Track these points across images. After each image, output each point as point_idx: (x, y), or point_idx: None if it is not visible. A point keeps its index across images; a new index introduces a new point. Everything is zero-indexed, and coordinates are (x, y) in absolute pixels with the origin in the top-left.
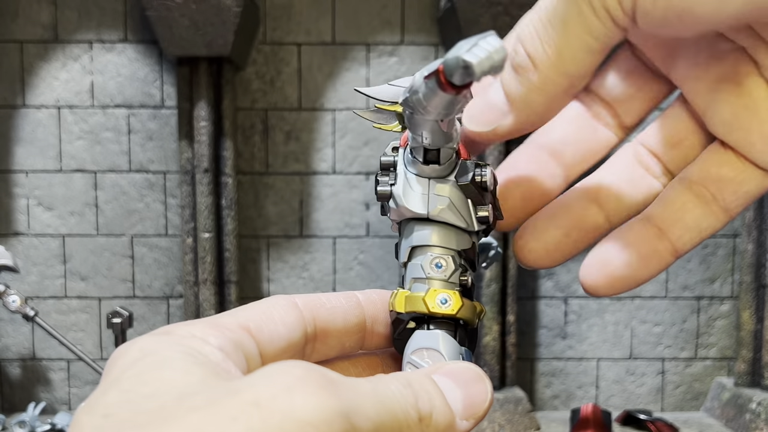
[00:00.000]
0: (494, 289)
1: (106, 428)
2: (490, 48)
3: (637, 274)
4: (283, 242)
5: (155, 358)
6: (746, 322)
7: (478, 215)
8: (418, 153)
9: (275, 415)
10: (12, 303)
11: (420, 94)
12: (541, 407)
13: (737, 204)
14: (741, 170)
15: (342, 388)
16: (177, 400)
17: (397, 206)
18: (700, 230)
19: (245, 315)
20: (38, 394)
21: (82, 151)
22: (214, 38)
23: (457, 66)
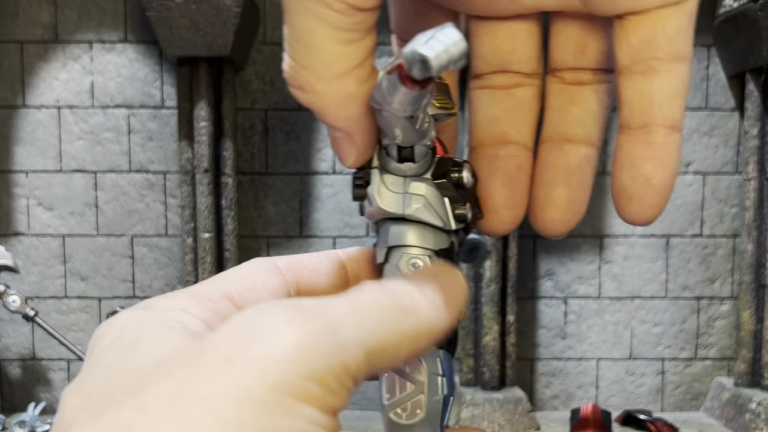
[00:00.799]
0: (494, 289)
1: (89, 407)
2: (448, 40)
3: (665, 174)
4: (283, 242)
5: (135, 334)
6: (746, 322)
7: (456, 213)
8: (392, 151)
9: (251, 364)
10: (12, 303)
11: (384, 89)
12: (541, 407)
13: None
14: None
15: (314, 311)
16: (152, 368)
17: (372, 206)
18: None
19: (227, 282)
20: (38, 394)
21: (82, 151)
22: (214, 38)
23: (414, 60)
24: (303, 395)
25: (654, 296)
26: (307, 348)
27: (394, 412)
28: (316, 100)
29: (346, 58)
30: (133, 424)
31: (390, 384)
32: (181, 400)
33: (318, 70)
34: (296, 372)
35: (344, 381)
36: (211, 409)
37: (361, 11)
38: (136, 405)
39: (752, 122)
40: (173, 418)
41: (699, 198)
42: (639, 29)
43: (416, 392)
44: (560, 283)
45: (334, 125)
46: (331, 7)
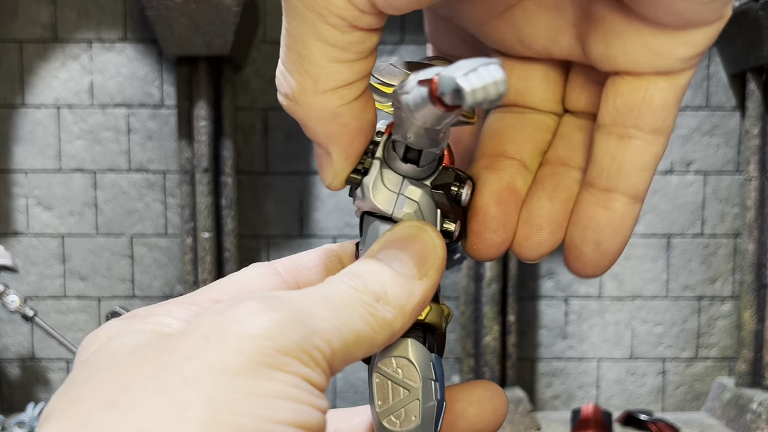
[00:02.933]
0: (494, 289)
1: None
2: (489, 78)
3: (616, 242)
4: (283, 242)
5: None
6: (747, 322)
7: (444, 228)
8: (399, 148)
9: (228, 341)
10: (11, 303)
11: (410, 97)
12: (542, 407)
13: (661, 120)
14: (643, 87)
15: (289, 299)
16: (128, 354)
17: (363, 197)
18: (644, 166)
19: (220, 288)
20: (37, 395)
21: (82, 150)
22: (214, 37)
23: (450, 87)
24: (278, 365)
25: (655, 296)
26: (278, 328)
27: (388, 419)
28: (298, 111)
29: (335, 76)
30: (117, 401)
31: (382, 390)
32: (162, 378)
33: (304, 82)
34: (269, 346)
35: (318, 362)
36: (192, 381)
37: (358, 30)
38: (118, 386)
39: (753, 121)
40: (156, 392)
41: (700, 198)
42: (627, 93)
43: (411, 398)
44: (561, 283)
45: (313, 139)
46: (327, 20)
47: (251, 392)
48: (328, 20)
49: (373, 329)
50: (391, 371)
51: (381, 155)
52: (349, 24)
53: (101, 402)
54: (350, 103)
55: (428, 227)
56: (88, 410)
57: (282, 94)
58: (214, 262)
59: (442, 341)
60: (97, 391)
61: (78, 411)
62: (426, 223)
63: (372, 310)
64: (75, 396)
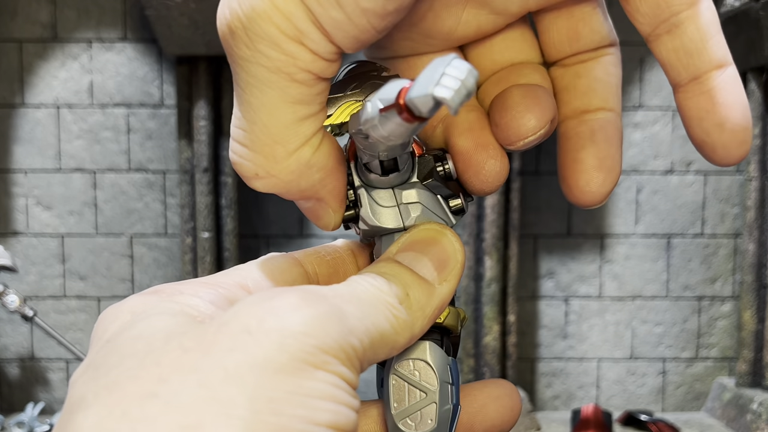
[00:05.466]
0: (495, 289)
1: (98, 381)
2: (460, 75)
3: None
4: (283, 242)
5: (144, 317)
6: (747, 322)
7: (452, 208)
8: (375, 167)
9: (270, 336)
10: (11, 303)
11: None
12: (542, 407)
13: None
14: None
15: (325, 296)
16: (164, 340)
17: (369, 227)
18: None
19: (242, 273)
20: (37, 395)
21: (81, 150)
22: (214, 37)
23: (427, 103)
24: (320, 363)
25: (655, 296)
26: (320, 325)
27: (404, 422)
28: (276, 183)
29: (303, 132)
30: (157, 392)
31: (398, 392)
32: (204, 371)
33: (273, 151)
34: (312, 344)
35: (353, 361)
36: (235, 377)
37: (323, 80)
38: (157, 375)
39: (754, 121)
40: (197, 386)
41: (700, 198)
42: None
43: (427, 401)
44: (561, 283)
45: (301, 198)
46: (294, 78)
47: (294, 391)
48: (296, 77)
49: (396, 331)
50: (408, 373)
51: (360, 182)
52: (316, 76)
53: (140, 392)
54: (320, 149)
55: (448, 231)
56: (125, 400)
57: (251, 176)
58: (214, 262)
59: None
60: (134, 380)
61: (114, 400)
62: (445, 226)
63: (395, 312)
64: (109, 383)
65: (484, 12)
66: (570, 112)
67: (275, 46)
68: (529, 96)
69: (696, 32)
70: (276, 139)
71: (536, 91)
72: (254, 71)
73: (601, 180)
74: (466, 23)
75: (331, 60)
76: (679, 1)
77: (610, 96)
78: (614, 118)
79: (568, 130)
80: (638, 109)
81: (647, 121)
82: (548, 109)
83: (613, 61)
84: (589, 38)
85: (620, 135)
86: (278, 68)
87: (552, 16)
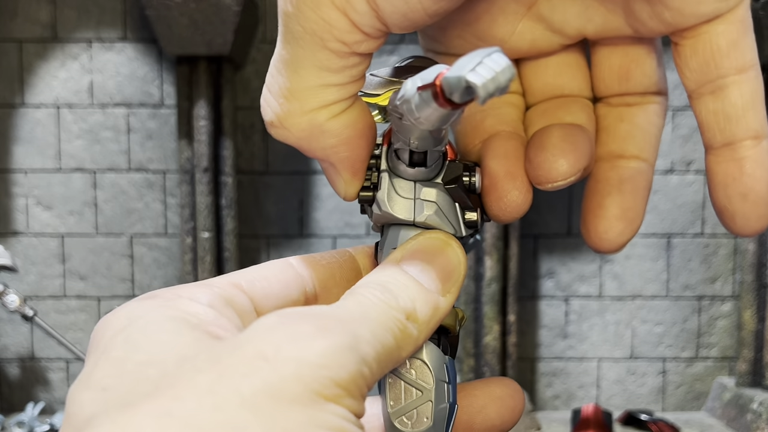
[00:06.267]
0: (495, 288)
1: (109, 402)
2: (497, 68)
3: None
4: (283, 242)
5: (142, 322)
6: (747, 321)
7: (466, 220)
8: (404, 155)
9: (287, 365)
10: (11, 303)
11: (412, 104)
12: (542, 407)
13: (739, 58)
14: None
15: (338, 322)
16: (177, 364)
17: (381, 211)
18: (748, 105)
19: (236, 275)
20: (37, 394)
21: (81, 150)
22: (214, 37)
23: (459, 86)
24: (333, 397)
25: (655, 296)
26: (335, 357)
27: (400, 420)
28: (288, 135)
29: (324, 97)
30: (172, 411)
31: (394, 390)
32: (219, 394)
33: (290, 106)
34: (327, 376)
35: (362, 389)
36: (250, 403)
37: (356, 55)
38: (172, 396)
39: None
40: (213, 409)
41: (700, 197)
42: (695, 53)
43: (423, 399)
44: (561, 283)
45: (313, 156)
46: (326, 44)
47: (306, 422)
48: (328, 45)
49: (400, 345)
50: (405, 372)
51: (386, 166)
52: (349, 49)
53: (155, 411)
54: (338, 116)
55: (453, 241)
56: (139, 418)
57: (268, 122)
58: (214, 262)
59: (455, 344)
60: (149, 399)
61: (128, 417)
62: (450, 237)
63: (402, 327)
64: (121, 401)
65: (540, 27)
66: (605, 153)
67: (316, 8)
68: (567, 140)
69: (739, 99)
70: (295, 95)
71: (576, 136)
72: (291, 27)
73: (620, 230)
74: (521, 35)
75: (371, 36)
76: (729, 65)
77: (647, 146)
78: (647, 169)
79: (599, 172)
80: None
81: None
82: (583, 157)
83: (657, 111)
84: (639, 81)
85: (649, 186)
86: (313, 31)
87: (607, 51)
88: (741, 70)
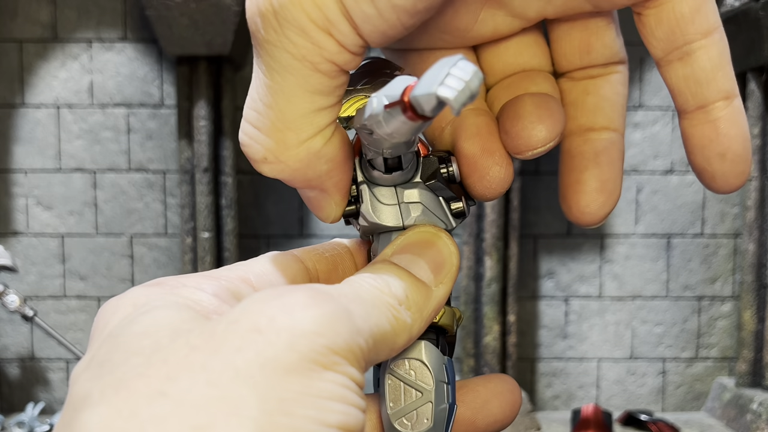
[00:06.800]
0: (495, 289)
1: (104, 378)
2: (465, 76)
3: (736, 146)
4: (283, 242)
5: (147, 308)
6: (747, 322)
7: (453, 211)
8: (378, 164)
9: (281, 335)
10: (11, 303)
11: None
12: (542, 407)
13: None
14: (667, 8)
15: (333, 294)
16: (171, 338)
17: (368, 223)
18: (716, 67)
19: (245, 268)
20: (37, 395)
21: (81, 150)
22: (214, 37)
23: (430, 102)
24: (330, 364)
25: (655, 296)
26: (330, 325)
27: (400, 421)
28: (283, 169)
29: (318, 123)
30: (166, 391)
31: (394, 391)
32: (213, 369)
33: (285, 137)
34: (322, 343)
35: (360, 361)
36: (245, 376)
37: (345, 73)
38: (165, 374)
39: (754, 121)
40: (207, 385)
41: (700, 197)
42: (660, 22)
43: (423, 400)
44: (561, 283)
45: (306, 187)
46: (318, 67)
47: (304, 392)
48: (320, 67)
49: (395, 332)
50: (404, 373)
51: (363, 178)
52: (339, 68)
53: (149, 391)
54: (330, 140)
55: (443, 234)
56: (134, 399)
57: (259, 159)
58: (214, 262)
59: (452, 344)
60: (142, 378)
61: (122, 399)
62: (440, 230)
63: (395, 313)
64: (116, 381)
65: (501, 13)
66: (575, 128)
67: (303, 34)
68: (541, 106)
69: (708, 62)
70: (290, 126)
71: (548, 101)
72: (278, 56)
73: (601, 202)
74: (483, 23)
75: (356, 53)
76: (694, 30)
77: (616, 116)
78: (618, 139)
79: (572, 147)
80: (638, 109)
81: (647, 121)
82: (559, 121)
83: (621, 80)
84: (600, 52)
85: (622, 156)
86: (303, 56)
87: (566, 27)
88: (706, 33)
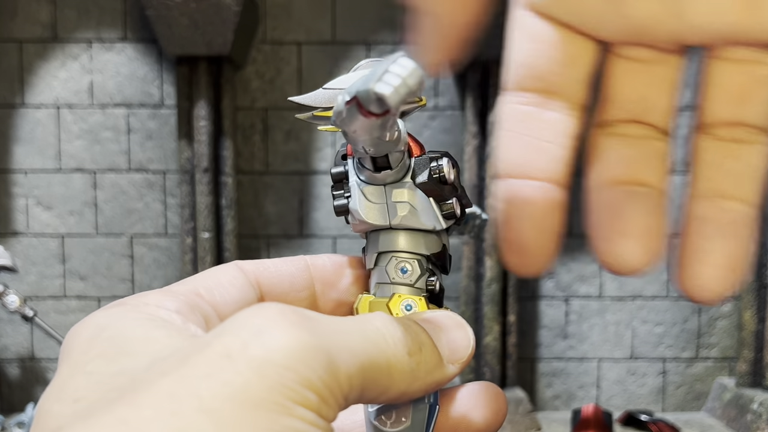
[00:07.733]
0: (495, 289)
1: (80, 414)
2: (403, 72)
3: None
4: (283, 242)
5: (113, 331)
6: (748, 322)
7: (444, 212)
8: (367, 162)
9: (250, 363)
10: (11, 303)
11: (344, 116)
12: (542, 407)
13: None
14: None
15: (320, 325)
16: (146, 368)
17: (356, 221)
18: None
19: (194, 282)
20: (37, 395)
21: (81, 150)
22: (214, 37)
23: (369, 98)
24: (299, 399)
25: (655, 296)
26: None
27: (379, 419)
28: None
29: None
30: (128, 419)
31: None
32: (178, 397)
33: None
34: (293, 378)
35: (337, 398)
36: (208, 408)
37: None
38: (130, 402)
39: None
40: (169, 415)
41: None
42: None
43: None
44: (561, 283)
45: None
46: None
47: (270, 428)
48: None
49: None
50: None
51: (355, 177)
52: None
53: (112, 420)
54: None
55: (466, 325)
56: (97, 428)
57: None
58: (214, 262)
59: None
60: (109, 406)
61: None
62: (465, 323)
63: (402, 361)
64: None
65: None
66: (706, 190)
67: None
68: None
69: None
70: None
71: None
72: None
73: (723, 278)
74: None
75: None
76: None
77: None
78: (752, 216)
79: (698, 212)
80: None
81: None
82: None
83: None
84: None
85: (752, 237)
86: None
87: (724, 64)
88: None
